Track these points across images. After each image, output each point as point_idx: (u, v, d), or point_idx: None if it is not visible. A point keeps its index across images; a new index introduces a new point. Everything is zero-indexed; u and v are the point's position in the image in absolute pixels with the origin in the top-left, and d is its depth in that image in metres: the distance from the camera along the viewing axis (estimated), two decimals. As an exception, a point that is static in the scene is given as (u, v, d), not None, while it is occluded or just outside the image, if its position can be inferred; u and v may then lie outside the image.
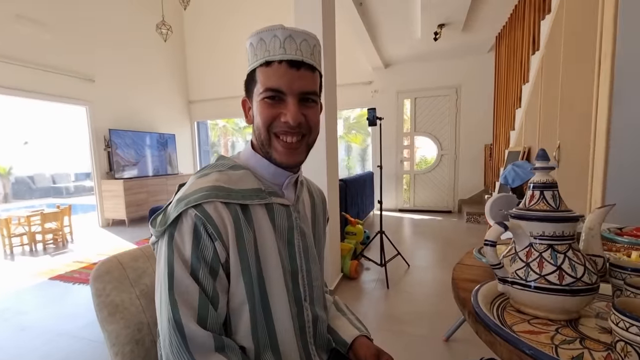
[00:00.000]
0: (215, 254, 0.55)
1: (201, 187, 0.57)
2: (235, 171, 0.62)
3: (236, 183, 0.60)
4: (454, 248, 3.56)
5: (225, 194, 0.57)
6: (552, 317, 0.54)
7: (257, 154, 0.64)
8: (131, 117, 5.71)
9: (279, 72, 0.57)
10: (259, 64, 0.59)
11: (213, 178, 0.59)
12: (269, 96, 0.58)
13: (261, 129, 0.60)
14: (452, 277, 0.78)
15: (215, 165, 0.64)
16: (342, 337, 0.73)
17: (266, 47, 0.58)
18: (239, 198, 0.58)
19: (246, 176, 0.62)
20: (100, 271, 0.70)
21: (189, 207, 0.54)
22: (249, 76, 0.62)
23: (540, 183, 0.57)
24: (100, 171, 5.19)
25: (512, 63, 3.93)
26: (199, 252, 0.54)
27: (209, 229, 0.54)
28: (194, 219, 0.54)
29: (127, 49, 5.60)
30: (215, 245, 0.55)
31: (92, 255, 3.69)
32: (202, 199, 0.55)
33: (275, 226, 0.62)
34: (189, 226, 0.54)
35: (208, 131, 8.07)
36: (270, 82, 0.58)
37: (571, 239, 0.54)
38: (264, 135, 0.61)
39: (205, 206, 0.55)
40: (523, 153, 3.25)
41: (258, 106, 0.60)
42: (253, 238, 0.58)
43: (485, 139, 5.32)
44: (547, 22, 2.81)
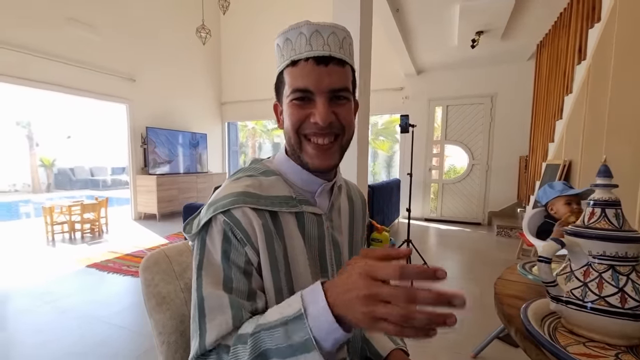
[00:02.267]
0: (247, 258, 0.55)
1: (231, 193, 0.57)
2: (268, 177, 0.61)
3: (267, 189, 0.59)
4: (483, 261, 3.43)
5: (254, 200, 0.56)
6: (610, 341, 0.51)
7: (290, 160, 0.63)
8: (167, 116, 5.97)
9: (306, 71, 0.55)
10: (286, 65, 0.57)
11: (244, 183, 0.59)
12: (297, 97, 0.56)
13: (290, 132, 0.59)
14: (495, 292, 0.75)
15: (247, 169, 0.64)
16: (376, 348, 0.72)
17: (292, 46, 0.56)
18: (268, 205, 0.57)
19: (277, 182, 0.61)
20: (149, 262, 0.73)
21: (218, 213, 0.55)
22: (278, 79, 0.60)
23: (602, 200, 0.54)
24: (136, 166, 5.45)
25: (555, 72, 3.76)
26: (231, 259, 0.54)
27: (237, 234, 0.54)
28: (223, 225, 0.54)
29: (166, 50, 5.87)
30: (246, 251, 0.54)
31: (126, 246, 3.87)
32: (230, 204, 0.55)
33: (306, 236, 0.60)
34: (219, 233, 0.55)
35: (237, 132, 8.28)
36: (297, 82, 0.55)
37: (635, 261, 0.51)
38: (294, 138, 0.59)
39: (234, 211, 0.54)
40: (563, 166, 3.09)
41: (287, 108, 0.58)
42: (283, 246, 0.57)
43: (520, 150, 5.11)
44: (596, 30, 2.67)
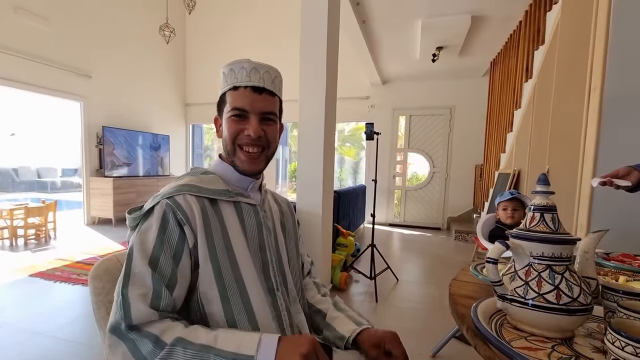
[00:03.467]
0: (181, 238, 0.62)
1: (175, 185, 0.68)
2: (206, 175, 0.73)
3: (207, 184, 0.70)
4: (442, 265, 3.59)
5: (196, 190, 0.67)
6: (548, 334, 0.56)
7: (224, 163, 0.76)
8: (126, 116, 5.66)
9: (244, 95, 0.70)
10: (229, 88, 0.72)
11: (186, 180, 0.70)
12: (235, 114, 0.71)
13: (228, 141, 0.72)
14: (450, 292, 0.80)
15: (189, 172, 0.75)
16: (339, 331, 0.74)
17: (235, 75, 0.72)
18: (209, 194, 0.68)
19: (215, 179, 0.73)
20: (99, 270, 0.69)
21: (163, 199, 0.64)
22: (220, 99, 0.74)
23: (540, 206, 0.60)
24: (90, 168, 5.10)
25: (506, 88, 4.07)
26: (165, 237, 0.61)
27: (177, 215, 0.62)
28: (164, 207, 0.63)
29: (127, 47, 5.59)
30: (184, 230, 0.62)
31: (76, 253, 3.59)
32: (174, 192, 0.65)
33: (243, 222, 0.71)
34: (159, 214, 0.62)
35: (203, 135, 8.03)
36: (236, 102, 0.70)
37: (568, 261, 0.57)
38: (230, 146, 0.72)
39: (176, 197, 0.65)
40: (513, 175, 3.33)
41: (226, 122, 0.72)
42: (221, 229, 0.66)
43: (476, 159, 5.44)
44: (541, 52, 2.93)
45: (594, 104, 1.76)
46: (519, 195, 1.82)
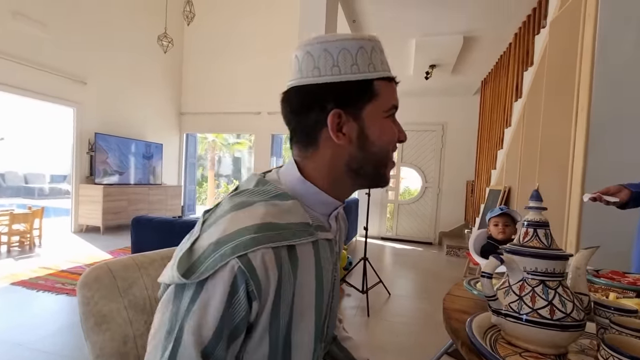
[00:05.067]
0: (246, 315, 0.45)
1: (246, 227, 0.45)
2: (284, 201, 0.51)
3: (285, 217, 0.49)
4: (434, 280, 3.58)
5: (275, 234, 0.46)
6: (542, 350, 0.56)
7: (307, 182, 0.54)
8: (119, 123, 5.63)
9: (395, 90, 0.55)
10: (381, 77, 0.52)
11: (260, 212, 0.48)
12: (393, 114, 0.55)
13: (388, 148, 0.55)
14: (444, 307, 0.80)
15: (256, 193, 0.52)
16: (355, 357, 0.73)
17: (381, 60, 0.53)
18: (289, 237, 0.48)
19: (295, 207, 0.52)
20: (89, 278, 0.67)
21: (233, 258, 0.43)
22: (356, 86, 0.51)
23: (534, 221, 0.61)
24: (80, 175, 5.02)
25: (496, 107, 4.17)
26: (227, 315, 0.43)
27: (250, 286, 0.43)
28: (236, 273, 0.43)
29: (123, 54, 5.61)
30: (252, 306, 0.44)
31: (61, 261, 3.49)
32: (250, 245, 0.43)
33: (320, 267, 0.53)
34: (226, 282, 0.43)
35: (196, 144, 8.01)
36: (394, 99, 0.54)
37: (561, 276, 0.58)
38: (387, 155, 0.55)
39: (251, 256, 0.43)
40: (504, 192, 3.38)
41: (382, 125, 0.53)
42: (293, 286, 0.49)
43: (467, 175, 5.52)
44: (530, 73, 3.03)
45: (582, 124, 1.81)
46: (509, 211, 1.84)
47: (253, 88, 6.48)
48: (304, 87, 0.52)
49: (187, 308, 0.43)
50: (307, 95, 0.52)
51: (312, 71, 0.51)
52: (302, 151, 0.55)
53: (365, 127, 0.52)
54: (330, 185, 0.55)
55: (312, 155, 0.54)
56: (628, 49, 1.68)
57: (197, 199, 8.67)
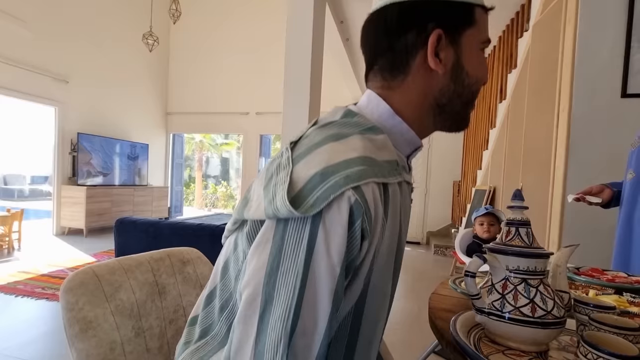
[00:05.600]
0: (357, 255, 0.40)
1: (351, 159, 0.40)
2: (376, 135, 0.46)
3: (380, 153, 0.45)
4: (422, 279, 3.63)
5: (379, 169, 0.42)
6: (524, 348, 0.58)
7: (397, 117, 0.49)
8: (103, 123, 5.51)
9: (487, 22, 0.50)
10: (479, 4, 0.48)
11: (359, 144, 0.43)
12: (484, 48, 0.50)
13: (479, 84, 0.50)
14: (429, 306, 0.81)
15: (347, 124, 0.47)
16: None
17: None
18: (385, 174, 0.43)
19: (386, 144, 0.47)
20: (73, 283, 0.66)
21: (348, 188, 0.37)
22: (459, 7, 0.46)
23: (516, 220, 0.62)
24: (62, 176, 4.89)
25: (481, 108, 4.26)
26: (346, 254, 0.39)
27: (364, 223, 0.38)
28: (352, 205, 0.37)
29: (107, 53, 5.49)
30: (362, 245, 0.40)
31: (42, 265, 3.39)
32: (363, 177, 0.39)
33: (403, 212, 0.50)
34: (344, 216, 0.37)
35: (183, 144, 7.90)
36: (487, 33, 0.50)
37: (542, 274, 0.59)
38: (476, 91, 0.51)
39: (365, 189, 0.38)
40: (489, 192, 3.45)
41: (479, 56, 0.49)
42: (388, 234, 0.45)
43: (454, 175, 5.61)
44: (514, 75, 3.10)
45: (563, 126, 1.87)
46: (493, 210, 1.89)
47: (241, 88, 6.44)
48: (404, 3, 0.46)
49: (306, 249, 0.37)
50: (407, 12, 0.46)
51: None
52: (388, 80, 0.50)
53: (462, 56, 0.48)
54: (416, 121, 0.51)
55: (400, 85, 0.49)
56: (605, 52, 1.74)
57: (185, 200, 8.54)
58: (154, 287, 0.77)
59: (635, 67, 1.68)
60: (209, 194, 12.63)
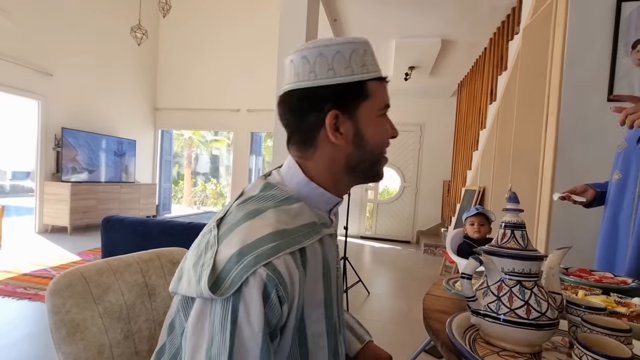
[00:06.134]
0: (279, 319, 0.46)
1: (265, 235, 0.47)
2: (291, 205, 0.53)
3: (295, 220, 0.51)
4: (412, 278, 3.66)
5: (291, 240, 0.48)
6: (518, 349, 0.58)
7: (312, 183, 0.56)
8: (89, 118, 5.37)
9: (386, 89, 0.58)
10: (375, 77, 0.55)
11: (273, 219, 0.49)
12: (385, 113, 0.58)
13: (383, 146, 0.58)
14: (424, 307, 0.81)
15: (264, 198, 0.54)
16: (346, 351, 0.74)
17: (372, 61, 0.55)
18: (300, 240, 0.50)
19: (303, 210, 0.54)
20: (60, 284, 0.64)
21: (259, 267, 0.44)
22: (350, 87, 0.53)
23: (511, 223, 0.63)
24: (46, 172, 4.75)
25: (472, 109, 4.31)
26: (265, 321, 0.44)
27: (280, 291, 0.44)
28: (265, 281, 0.44)
29: (94, 46, 5.35)
30: (282, 309, 0.46)
31: (24, 264, 3.29)
32: (273, 253, 0.45)
33: (327, 263, 0.56)
34: (259, 290, 0.43)
35: (172, 141, 7.77)
36: (387, 98, 0.57)
37: (536, 277, 0.60)
38: (378, 153, 0.58)
39: (276, 263, 0.45)
40: (478, 192, 3.50)
41: (376, 124, 0.56)
42: (308, 288, 0.52)
43: (444, 175, 5.67)
44: (504, 77, 3.15)
45: (552, 128, 1.90)
46: (484, 211, 1.91)
47: (232, 84, 6.36)
48: (302, 90, 0.54)
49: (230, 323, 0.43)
50: (305, 97, 0.54)
51: (309, 74, 0.53)
52: (302, 152, 0.57)
53: (361, 127, 0.55)
54: (332, 183, 0.57)
55: (312, 155, 0.56)
56: (593, 56, 1.77)
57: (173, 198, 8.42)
58: (144, 289, 0.75)
59: (621, 70, 1.72)
60: (198, 192, 12.48)
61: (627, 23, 1.72)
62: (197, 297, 0.46)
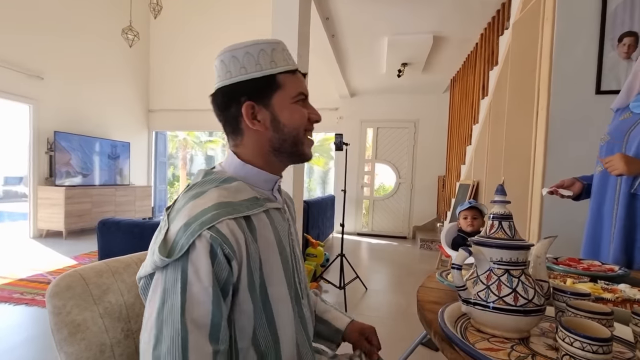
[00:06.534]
0: (229, 274, 0.53)
1: (207, 208, 0.55)
2: (230, 184, 0.62)
3: (235, 196, 0.60)
4: (408, 273, 3.69)
5: (232, 209, 0.56)
6: (508, 335, 0.61)
7: (247, 165, 0.65)
8: (82, 121, 5.33)
9: (300, 79, 0.67)
10: (284, 71, 0.64)
11: (214, 195, 0.58)
12: (301, 99, 0.66)
13: (299, 129, 0.66)
14: (417, 299, 0.83)
15: (206, 182, 0.62)
16: (335, 325, 0.83)
17: (282, 57, 0.65)
18: (243, 210, 0.58)
19: (241, 187, 0.62)
20: (60, 287, 0.65)
21: (203, 230, 0.51)
22: (263, 81, 0.63)
23: (499, 214, 0.65)
24: (39, 176, 4.72)
25: (464, 104, 4.34)
26: (215, 276, 0.52)
27: (225, 249, 0.52)
28: (210, 241, 0.51)
29: (85, 48, 5.30)
30: (232, 265, 0.53)
31: (19, 270, 3.27)
32: (216, 218, 0.53)
33: (277, 232, 0.64)
34: (205, 250, 0.51)
35: (166, 142, 7.73)
36: (300, 87, 0.66)
37: (524, 265, 0.62)
38: (300, 134, 0.66)
39: (219, 226, 0.53)
40: (472, 186, 3.54)
41: (292, 109, 0.65)
42: (258, 250, 0.59)
43: (438, 170, 5.71)
44: (495, 72, 3.18)
45: (542, 122, 1.93)
46: (477, 204, 1.94)
47: (225, 85, 6.33)
48: (222, 88, 0.64)
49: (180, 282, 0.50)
50: (225, 94, 0.64)
51: (226, 74, 0.63)
52: (235, 141, 0.67)
53: (276, 113, 0.64)
54: (265, 164, 0.67)
55: (242, 142, 0.66)
56: (581, 51, 1.80)
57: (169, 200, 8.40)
58: (143, 288, 0.76)
59: (608, 65, 1.76)
60: (194, 193, 12.39)
61: (613, 17, 1.75)
62: (153, 270, 0.53)
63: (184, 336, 0.48)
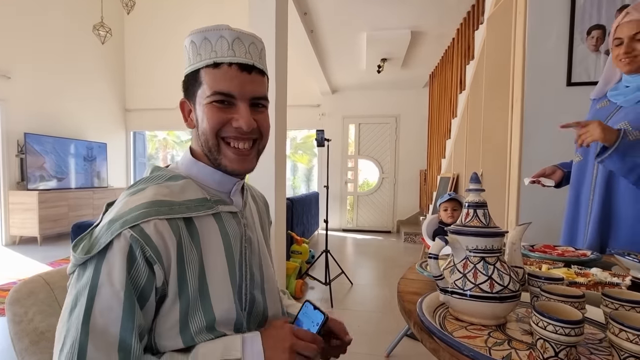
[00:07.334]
0: (149, 279, 0.48)
1: (137, 205, 0.50)
2: (176, 182, 0.57)
3: (178, 195, 0.55)
4: (394, 266, 3.74)
5: (167, 209, 0.51)
6: (485, 322, 0.61)
7: (200, 162, 0.60)
8: (54, 122, 5.11)
9: (229, 75, 0.55)
10: (205, 65, 0.56)
11: (150, 193, 0.53)
12: (218, 100, 0.56)
13: (208, 135, 0.57)
14: (398, 290, 0.83)
15: (150, 179, 0.58)
16: None
17: (212, 48, 0.55)
18: (183, 211, 0.53)
19: (188, 186, 0.57)
20: (21, 293, 0.61)
21: (125, 229, 0.47)
22: (191, 77, 0.58)
23: (473, 203, 0.65)
24: (9, 181, 4.50)
25: (443, 99, 4.41)
26: (131, 280, 0.47)
27: (147, 252, 0.48)
28: (130, 241, 0.47)
29: (55, 45, 5.07)
30: (154, 269, 0.49)
31: (-10, 279, 3.11)
32: (141, 217, 0.48)
33: (227, 235, 0.59)
34: (122, 250, 0.47)
35: (145, 142, 7.53)
36: (219, 85, 0.55)
37: (499, 252, 0.63)
38: (212, 141, 0.57)
39: (144, 226, 0.48)
40: (452, 179, 3.60)
41: (205, 110, 0.56)
42: (199, 255, 0.54)
43: (420, 164, 5.80)
44: (472, 67, 3.23)
45: (517, 115, 1.98)
46: (456, 196, 1.97)
47: (205, 82, 6.20)
48: None
49: (91, 283, 0.46)
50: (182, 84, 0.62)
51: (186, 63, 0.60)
52: (192, 134, 0.63)
53: (198, 113, 0.59)
54: (212, 164, 0.61)
55: (194, 137, 0.62)
56: (552, 44, 1.85)
57: (150, 201, 8.18)
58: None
59: (578, 56, 1.81)
60: (176, 194, 12.14)
61: (581, 11, 1.80)
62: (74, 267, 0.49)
63: (83, 344, 0.43)
